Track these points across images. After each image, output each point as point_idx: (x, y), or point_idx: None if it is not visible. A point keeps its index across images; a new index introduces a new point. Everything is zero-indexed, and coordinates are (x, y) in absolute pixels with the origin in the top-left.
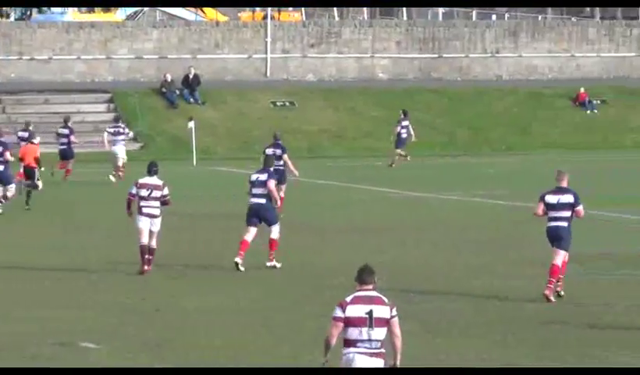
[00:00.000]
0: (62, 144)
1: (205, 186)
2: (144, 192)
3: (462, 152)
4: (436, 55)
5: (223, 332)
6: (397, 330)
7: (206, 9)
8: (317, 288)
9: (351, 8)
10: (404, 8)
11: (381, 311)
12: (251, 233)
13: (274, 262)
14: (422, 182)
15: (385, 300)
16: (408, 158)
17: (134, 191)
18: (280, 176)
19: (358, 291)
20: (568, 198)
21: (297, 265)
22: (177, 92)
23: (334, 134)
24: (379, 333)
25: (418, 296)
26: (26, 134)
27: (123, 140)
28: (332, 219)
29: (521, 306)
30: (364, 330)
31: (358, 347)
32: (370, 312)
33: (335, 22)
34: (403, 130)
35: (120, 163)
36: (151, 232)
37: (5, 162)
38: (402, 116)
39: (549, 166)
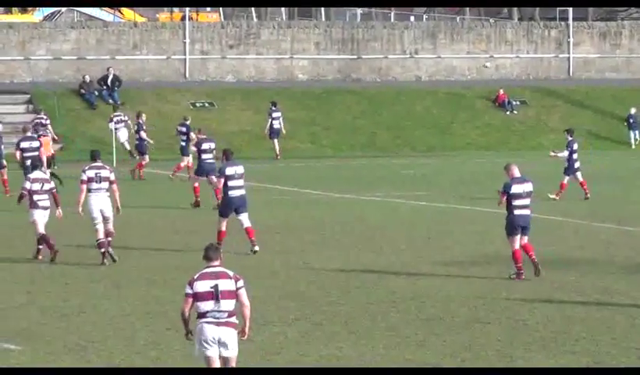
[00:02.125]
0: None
1: (127, 187)
2: (36, 186)
3: (382, 153)
4: (355, 56)
5: (147, 334)
6: (244, 300)
7: (124, 10)
8: None
9: (269, 9)
10: (322, 9)
11: (226, 284)
12: (246, 219)
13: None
14: (343, 183)
15: (230, 274)
16: (279, 156)
17: (28, 185)
18: (214, 170)
19: (205, 267)
20: (530, 187)
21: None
22: (96, 93)
23: (254, 135)
24: (226, 304)
25: (340, 296)
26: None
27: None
28: (252, 220)
29: (444, 306)
30: (212, 302)
31: (207, 317)
32: (215, 286)
33: (253, 23)
34: (275, 122)
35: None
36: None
37: None
38: (272, 108)
39: (469, 167)
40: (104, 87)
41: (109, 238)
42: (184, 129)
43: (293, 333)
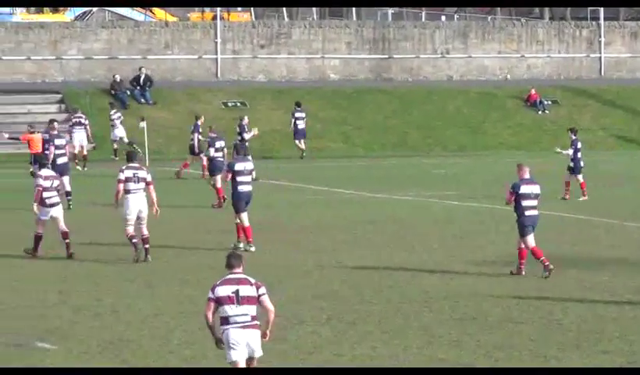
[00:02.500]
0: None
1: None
2: (47, 183)
3: (413, 153)
4: (386, 56)
5: (180, 333)
6: (268, 305)
7: (155, 10)
8: (271, 287)
9: (300, 9)
10: (354, 9)
11: (247, 290)
12: (246, 218)
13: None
14: (375, 182)
15: (252, 281)
16: (304, 153)
17: (41, 182)
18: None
19: (228, 274)
20: (538, 189)
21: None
22: (128, 93)
23: (285, 135)
24: (247, 309)
25: (373, 296)
26: None
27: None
28: (285, 220)
29: (477, 306)
30: (233, 307)
31: (231, 323)
32: (236, 291)
33: (284, 22)
34: (300, 122)
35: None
36: (53, 218)
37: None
38: (296, 108)
39: (501, 166)
40: (137, 87)
41: (147, 245)
42: (238, 129)
43: (326, 332)
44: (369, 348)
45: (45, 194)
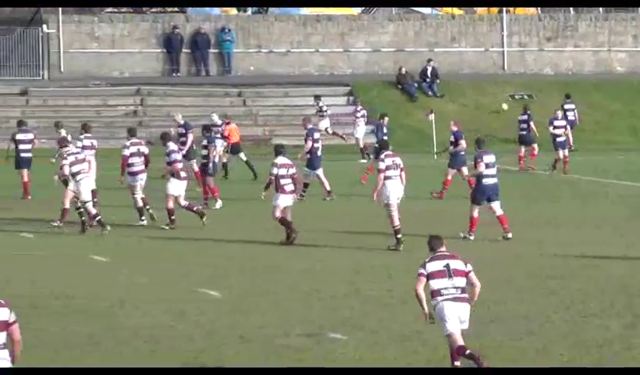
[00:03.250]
0: (522, 130)
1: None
2: (283, 171)
3: None
4: None
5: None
6: (475, 281)
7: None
8: (557, 280)
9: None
10: None
11: (456, 264)
12: (498, 207)
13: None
14: None
15: (458, 256)
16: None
17: (275, 171)
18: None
19: (435, 253)
20: None
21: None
22: (416, 85)
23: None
24: (458, 281)
25: None
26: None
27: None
28: (571, 213)
29: None
30: (445, 280)
31: (443, 295)
32: (447, 265)
33: (570, 15)
34: (570, 114)
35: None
36: (287, 207)
37: None
38: (565, 100)
39: None
40: (424, 80)
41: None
42: (525, 117)
43: (615, 325)
44: None
45: (282, 182)
